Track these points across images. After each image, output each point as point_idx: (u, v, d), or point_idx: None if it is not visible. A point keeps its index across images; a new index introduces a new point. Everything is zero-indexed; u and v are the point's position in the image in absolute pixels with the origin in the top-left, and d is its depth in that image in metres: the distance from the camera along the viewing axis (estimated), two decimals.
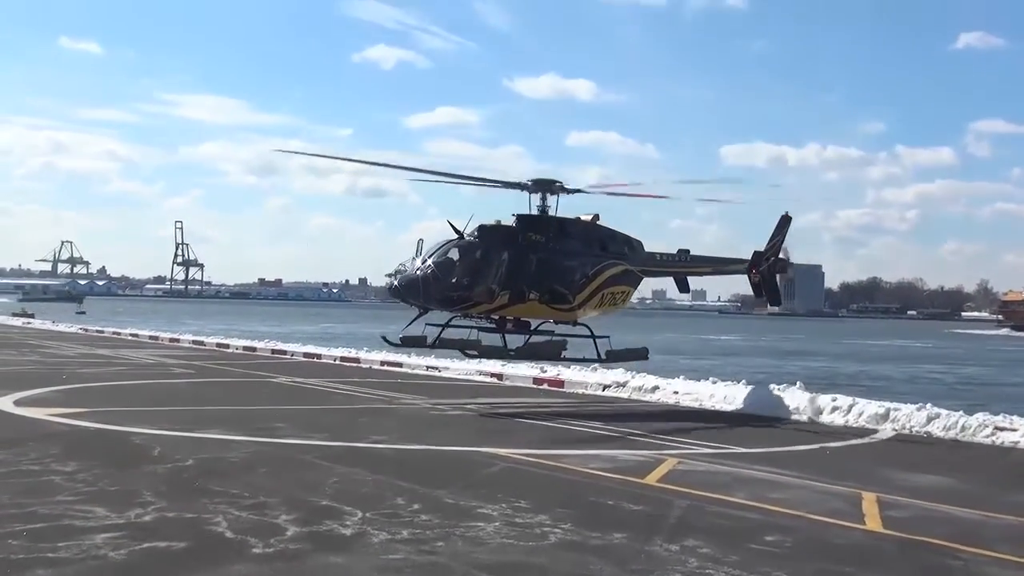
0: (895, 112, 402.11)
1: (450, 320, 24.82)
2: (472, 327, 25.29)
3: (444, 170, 28.33)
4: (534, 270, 24.35)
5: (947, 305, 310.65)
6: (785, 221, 28.33)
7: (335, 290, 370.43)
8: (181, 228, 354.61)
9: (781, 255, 28.62)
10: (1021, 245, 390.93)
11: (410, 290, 23.41)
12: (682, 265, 27.85)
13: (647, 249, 27.44)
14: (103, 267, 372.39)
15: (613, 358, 26.73)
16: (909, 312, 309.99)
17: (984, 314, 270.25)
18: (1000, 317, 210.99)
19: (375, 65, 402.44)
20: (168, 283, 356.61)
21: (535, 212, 25.19)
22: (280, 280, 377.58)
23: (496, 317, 24.87)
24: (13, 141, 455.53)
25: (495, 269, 23.83)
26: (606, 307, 26.11)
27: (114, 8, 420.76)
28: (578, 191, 25.70)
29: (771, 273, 28.27)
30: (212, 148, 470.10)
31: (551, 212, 25.30)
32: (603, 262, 25.61)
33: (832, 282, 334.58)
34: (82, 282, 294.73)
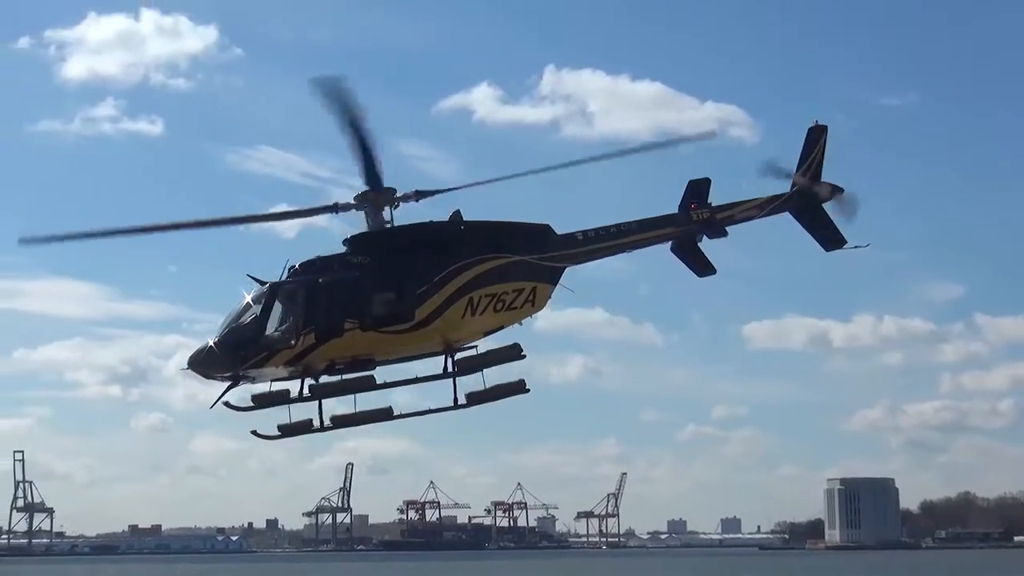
0: (972, 271, 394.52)
1: (319, 390, 29.00)
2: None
3: None
4: (349, 295, 28.06)
5: None
6: (819, 131, 30.59)
7: (234, 538, 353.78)
8: (22, 461, 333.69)
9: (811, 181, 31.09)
10: None
11: (200, 361, 29.36)
12: (626, 235, 30.81)
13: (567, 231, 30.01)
14: None
15: (476, 400, 29.96)
16: (1017, 538, 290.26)
17: None
18: None
19: (273, 232, 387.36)
20: (6, 537, 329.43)
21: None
22: (159, 527, 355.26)
23: (320, 365, 28.38)
24: None
25: (296, 308, 27.65)
26: (491, 314, 28.97)
27: None
28: (434, 192, 29.26)
29: (813, 204, 31.20)
30: (60, 351, 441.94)
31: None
32: (458, 262, 28.44)
33: (909, 501, 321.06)
34: None
